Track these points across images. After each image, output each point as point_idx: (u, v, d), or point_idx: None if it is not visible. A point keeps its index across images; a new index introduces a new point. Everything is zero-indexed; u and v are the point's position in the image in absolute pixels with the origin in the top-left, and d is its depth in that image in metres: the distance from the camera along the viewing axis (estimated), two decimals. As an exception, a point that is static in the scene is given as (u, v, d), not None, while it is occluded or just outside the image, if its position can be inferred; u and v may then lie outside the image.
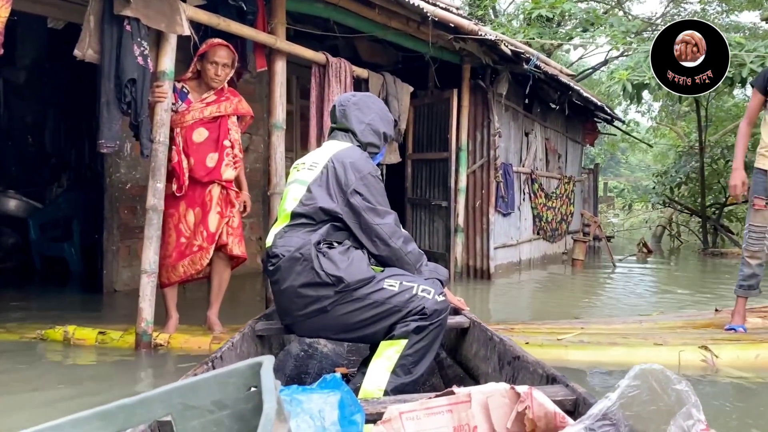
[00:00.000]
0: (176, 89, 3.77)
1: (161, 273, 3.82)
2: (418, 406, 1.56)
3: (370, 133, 2.52)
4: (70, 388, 3.01)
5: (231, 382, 1.09)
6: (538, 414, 1.51)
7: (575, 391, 1.73)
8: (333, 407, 1.47)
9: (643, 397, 1.39)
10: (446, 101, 6.72)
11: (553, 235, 9.19)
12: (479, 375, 2.48)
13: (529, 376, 2.05)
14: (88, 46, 3.36)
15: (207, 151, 3.81)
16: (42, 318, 4.30)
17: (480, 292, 6.50)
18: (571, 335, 3.83)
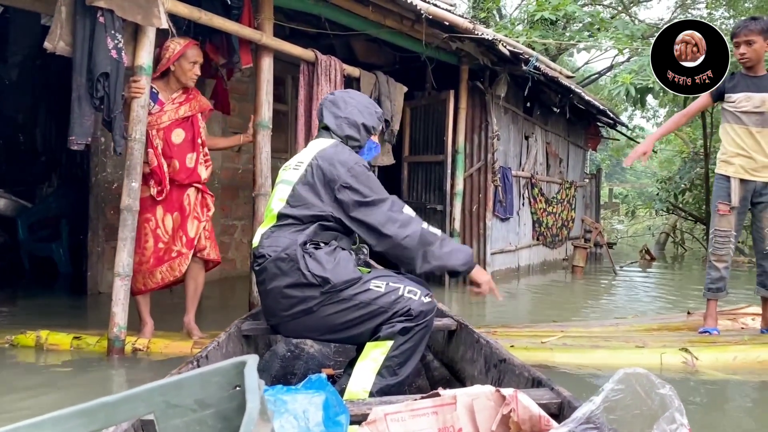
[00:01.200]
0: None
1: (137, 279, 3.68)
2: (403, 407, 1.57)
3: (348, 126, 2.48)
4: (38, 396, 2.87)
5: (214, 381, 1.07)
6: (522, 417, 1.52)
7: (560, 395, 1.73)
8: (317, 408, 1.47)
9: (627, 401, 1.39)
10: (443, 103, 6.57)
11: (554, 241, 9.01)
12: (465, 377, 2.48)
13: (515, 379, 2.05)
14: (59, 39, 3.22)
15: (186, 152, 3.74)
16: (24, 320, 4.17)
17: (470, 298, 6.33)
18: (555, 338, 3.89)
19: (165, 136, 3.67)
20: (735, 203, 3.91)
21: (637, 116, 18.97)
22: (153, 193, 3.64)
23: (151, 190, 3.65)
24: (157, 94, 3.70)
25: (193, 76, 3.73)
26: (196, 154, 3.76)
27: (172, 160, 3.66)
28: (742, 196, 3.92)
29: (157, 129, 3.65)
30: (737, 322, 4.36)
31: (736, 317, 4.43)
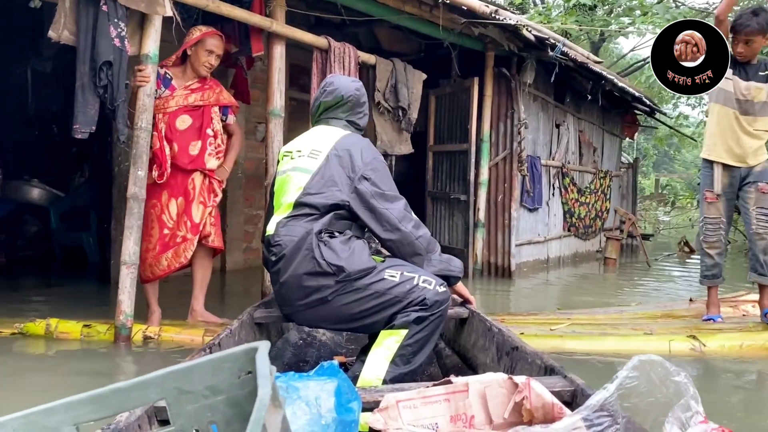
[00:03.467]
0: (159, 75, 3.69)
1: (144, 267, 3.72)
2: (416, 394, 1.58)
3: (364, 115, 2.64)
4: (44, 384, 2.90)
5: (226, 367, 1.07)
6: (535, 404, 1.51)
7: (573, 382, 1.73)
8: (329, 394, 1.47)
9: (641, 389, 1.39)
10: (467, 90, 6.43)
11: (586, 232, 8.77)
12: (477, 365, 2.49)
13: (528, 367, 2.05)
14: (63, 27, 3.24)
15: (190, 139, 3.75)
16: (50, 308, 4.25)
17: (498, 290, 6.21)
18: (563, 326, 3.93)
19: (169, 121, 3.70)
20: (718, 190, 3.94)
21: (682, 103, 18.35)
22: (155, 176, 3.66)
23: (154, 174, 3.66)
24: (171, 80, 3.74)
25: (207, 65, 3.74)
26: (202, 143, 3.76)
27: (172, 144, 3.69)
28: (727, 183, 3.94)
29: (163, 113, 3.69)
30: (738, 309, 4.44)
31: (737, 305, 4.51)
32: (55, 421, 1.06)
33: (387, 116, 5.21)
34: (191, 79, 3.78)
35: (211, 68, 3.78)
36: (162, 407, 1.45)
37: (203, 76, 3.78)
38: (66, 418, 1.06)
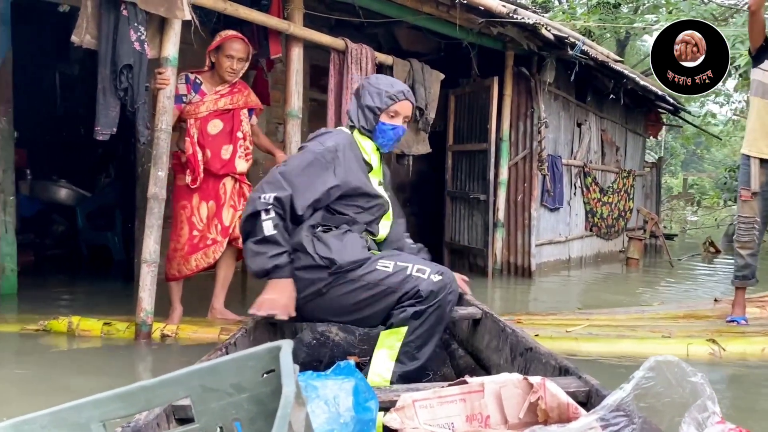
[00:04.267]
0: (190, 81, 3.74)
1: (171, 265, 3.80)
2: (432, 394, 1.59)
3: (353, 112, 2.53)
4: (67, 380, 2.98)
5: (250, 365, 1.10)
6: (550, 405, 1.52)
7: (588, 383, 1.73)
8: (348, 393, 1.49)
9: (657, 389, 1.39)
10: (487, 90, 6.43)
11: (609, 232, 8.70)
12: (491, 366, 2.48)
13: (542, 368, 2.05)
14: (86, 32, 3.32)
15: (222, 143, 3.78)
16: (75, 306, 4.37)
17: (517, 290, 6.20)
18: (580, 327, 3.89)
19: (201, 126, 3.73)
20: (755, 188, 3.81)
21: (710, 101, 18.04)
22: (188, 181, 3.74)
23: (186, 178, 3.74)
24: (200, 85, 3.77)
25: (228, 71, 3.72)
26: (233, 146, 3.80)
27: (204, 150, 3.73)
28: (764, 180, 3.81)
29: (195, 118, 3.73)
30: (766, 309, 4.35)
31: (765, 304, 4.42)
32: (83, 418, 1.08)
33: (404, 116, 5.23)
34: (220, 83, 3.80)
35: (234, 72, 3.76)
36: (180, 406, 1.47)
37: (229, 81, 3.78)
38: (94, 414, 1.09)
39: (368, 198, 2.38)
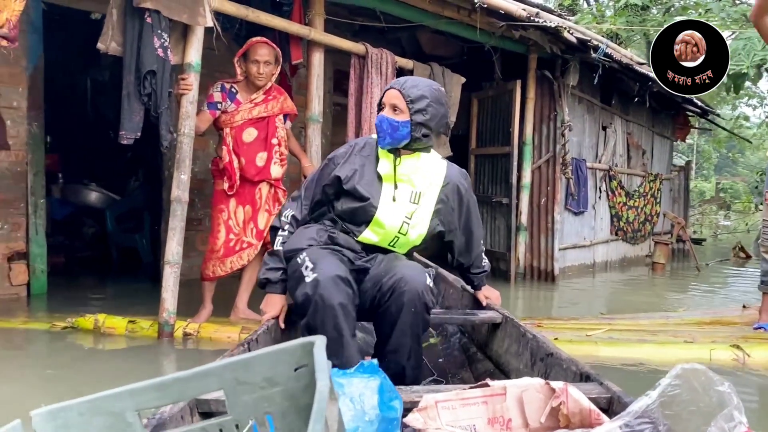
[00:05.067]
0: (225, 89, 3.82)
1: (207, 266, 3.91)
2: (454, 395, 1.58)
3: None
4: (89, 377, 3.08)
5: (283, 360, 1.11)
6: (572, 410, 1.51)
7: (609, 390, 1.72)
8: (373, 392, 1.49)
9: (683, 397, 1.38)
10: (510, 93, 6.42)
11: (635, 237, 8.60)
12: (510, 370, 2.47)
13: (562, 373, 2.03)
14: (111, 39, 3.43)
15: (257, 151, 3.86)
16: (104, 305, 4.44)
17: (540, 294, 6.17)
18: (600, 332, 3.85)
19: (236, 135, 3.83)
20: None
21: (742, 104, 17.71)
22: (225, 187, 3.84)
23: (224, 185, 3.84)
24: (236, 94, 3.84)
25: (257, 75, 3.77)
26: (268, 153, 3.88)
27: (240, 158, 3.82)
28: None
29: (230, 127, 3.83)
30: None
31: None
32: (119, 407, 1.12)
33: (425, 120, 5.25)
34: (255, 91, 3.85)
35: (264, 77, 3.79)
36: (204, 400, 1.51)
37: (260, 86, 3.82)
38: (130, 403, 1.12)
39: (354, 198, 2.32)
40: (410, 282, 2.13)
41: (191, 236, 5.99)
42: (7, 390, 2.83)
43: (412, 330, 2.17)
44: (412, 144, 2.29)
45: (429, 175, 2.35)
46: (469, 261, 2.61)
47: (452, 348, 3.18)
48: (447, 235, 2.47)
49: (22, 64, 4.63)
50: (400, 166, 2.31)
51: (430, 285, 2.20)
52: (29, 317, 4.19)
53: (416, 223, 2.32)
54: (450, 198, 2.39)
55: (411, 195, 2.31)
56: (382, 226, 2.30)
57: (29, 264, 4.81)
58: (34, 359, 3.46)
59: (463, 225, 2.48)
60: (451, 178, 2.39)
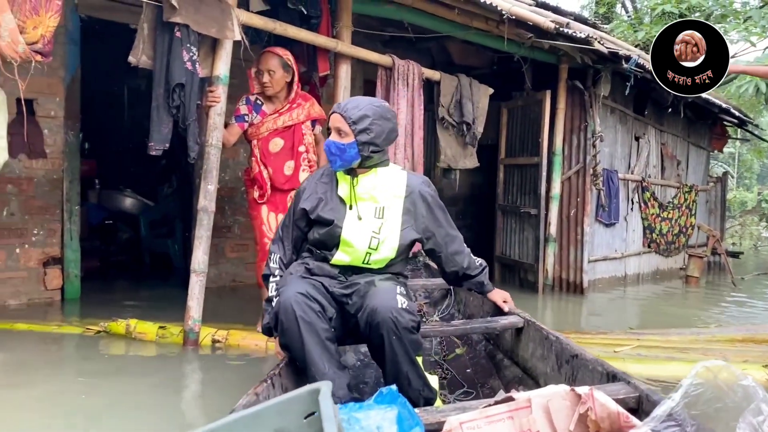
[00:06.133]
0: (250, 102, 3.88)
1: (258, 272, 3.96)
2: (478, 414, 1.55)
3: None
4: (115, 380, 3.16)
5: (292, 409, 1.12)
6: (600, 415, 1.49)
7: (637, 389, 1.70)
8: (391, 423, 1.47)
9: (708, 395, 1.37)
10: (539, 103, 6.38)
11: (668, 249, 8.44)
12: (538, 375, 2.47)
13: (589, 375, 2.02)
14: (142, 53, 3.52)
15: (284, 160, 3.91)
16: (135, 310, 4.59)
17: (568, 307, 6.10)
18: (628, 348, 3.81)
19: (262, 146, 3.89)
20: None
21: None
22: (256, 196, 3.91)
23: (255, 193, 3.92)
24: (261, 106, 3.89)
25: (264, 85, 3.78)
26: (295, 161, 3.93)
27: (267, 168, 3.88)
28: None
29: (257, 139, 3.89)
30: None
31: None
32: None
33: (451, 131, 5.27)
34: (279, 102, 3.90)
35: (271, 86, 3.78)
36: None
37: (269, 95, 3.85)
38: None
39: (321, 224, 2.37)
40: (381, 311, 2.12)
41: (221, 243, 6.09)
42: (40, 395, 2.93)
43: (402, 356, 2.17)
44: (365, 162, 2.33)
45: (390, 188, 2.38)
46: (461, 265, 2.55)
47: (478, 357, 3.17)
48: (426, 243, 2.45)
49: (59, 74, 4.78)
50: (358, 185, 2.36)
51: (403, 306, 2.16)
52: (63, 321, 4.32)
53: (385, 237, 2.33)
54: (416, 206, 2.40)
55: (375, 210, 2.35)
56: (350, 245, 2.32)
57: (63, 269, 4.94)
58: (66, 364, 3.57)
59: (439, 229, 2.46)
60: (413, 186, 2.41)
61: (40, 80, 4.51)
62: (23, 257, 4.72)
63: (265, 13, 4.15)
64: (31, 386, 3.03)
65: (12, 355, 3.46)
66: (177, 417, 2.82)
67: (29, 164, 4.70)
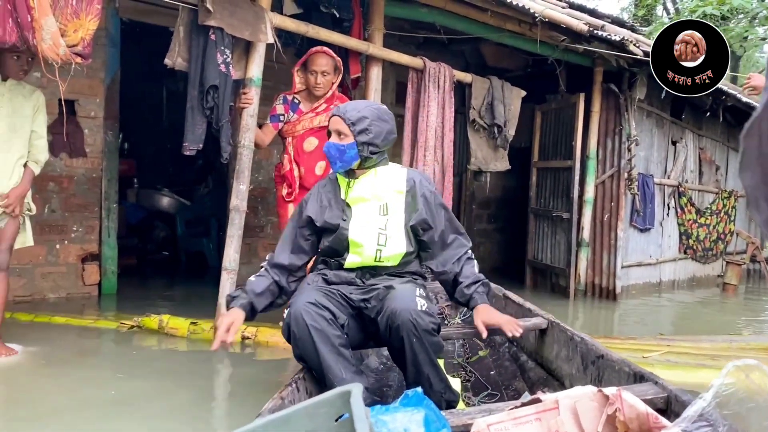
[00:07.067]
0: (287, 101, 3.92)
1: None
2: (506, 416, 1.53)
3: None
4: (147, 376, 3.24)
5: (322, 412, 1.12)
6: (629, 416, 1.46)
7: (666, 389, 1.67)
8: (419, 425, 1.46)
9: (740, 395, 1.35)
10: (573, 106, 6.32)
11: (705, 255, 8.26)
12: (563, 376, 2.47)
13: (615, 375, 2.01)
14: (178, 55, 3.60)
15: (317, 160, 3.92)
16: (170, 306, 4.71)
17: (600, 312, 6.03)
18: (657, 354, 3.76)
19: (297, 144, 3.92)
20: None
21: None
22: (284, 193, 3.95)
23: (283, 191, 3.96)
24: (298, 104, 3.93)
25: (315, 85, 3.81)
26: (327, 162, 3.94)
27: (299, 166, 3.92)
28: None
29: (292, 137, 3.93)
30: None
31: None
32: None
33: (482, 133, 5.26)
34: (316, 101, 3.90)
35: (322, 87, 3.82)
36: None
37: (319, 96, 3.86)
38: None
39: (329, 231, 2.41)
40: (401, 314, 2.11)
41: (254, 243, 6.19)
42: (74, 384, 3.03)
43: (423, 359, 2.17)
44: (364, 163, 2.39)
45: (390, 185, 2.41)
46: (453, 269, 2.41)
47: (502, 359, 3.15)
48: (422, 234, 2.41)
49: (100, 76, 4.92)
50: (359, 185, 2.40)
51: (422, 308, 2.14)
52: (99, 315, 4.45)
53: (392, 233, 2.36)
54: (416, 199, 2.41)
55: (379, 208, 2.38)
56: (359, 245, 2.35)
57: (101, 265, 5.09)
58: (100, 357, 3.68)
59: (437, 225, 2.43)
60: (413, 181, 2.44)
61: (81, 82, 4.67)
62: (63, 253, 4.88)
63: (297, 16, 4.21)
64: (66, 376, 3.14)
65: (50, 347, 3.58)
66: (204, 413, 2.88)
67: (70, 163, 4.86)
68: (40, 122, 3.39)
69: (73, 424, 2.60)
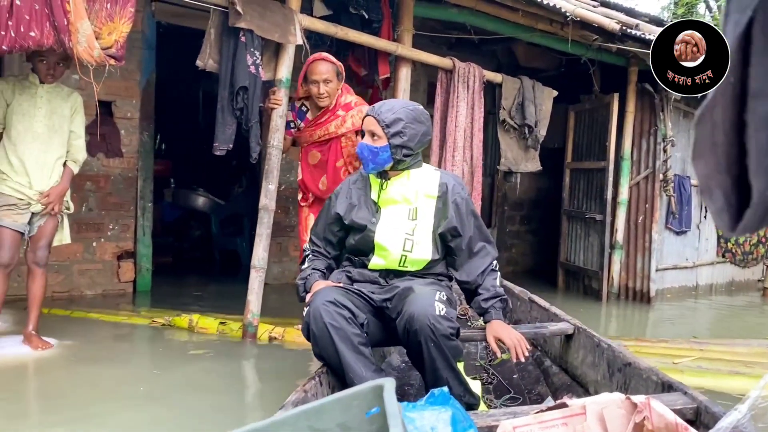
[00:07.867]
0: (295, 109, 3.80)
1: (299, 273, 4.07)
2: (532, 419, 1.52)
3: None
4: (177, 371, 3.32)
5: (354, 404, 1.13)
6: (657, 425, 1.43)
7: (695, 399, 1.64)
8: (446, 424, 1.45)
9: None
10: (607, 106, 6.23)
11: (745, 259, 8.04)
12: (588, 383, 2.44)
13: (643, 384, 1.98)
14: (209, 57, 3.68)
15: (320, 175, 3.77)
16: (203, 304, 4.79)
17: (634, 316, 5.93)
18: (689, 359, 3.69)
19: (305, 155, 3.83)
20: None
21: None
22: (299, 198, 3.99)
23: (299, 195, 3.99)
24: (306, 113, 3.77)
25: (318, 95, 3.52)
26: (332, 176, 3.70)
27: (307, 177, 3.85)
28: None
29: (301, 145, 3.90)
30: None
31: None
32: None
33: (512, 134, 5.23)
34: (318, 111, 3.67)
35: (326, 97, 3.54)
36: None
37: (323, 107, 3.61)
38: None
39: (356, 230, 2.39)
40: (419, 319, 2.09)
41: (284, 242, 6.26)
42: (107, 378, 3.12)
43: (441, 363, 2.15)
44: (397, 165, 2.33)
45: (422, 189, 2.36)
46: (477, 281, 2.40)
47: (525, 362, 3.12)
48: (450, 240, 2.38)
49: (136, 78, 5.04)
50: (391, 187, 2.36)
51: (441, 312, 2.10)
52: (132, 312, 4.55)
53: (420, 239, 2.32)
54: (447, 205, 2.36)
55: (408, 212, 2.34)
56: (385, 248, 2.33)
57: (136, 262, 5.21)
58: (133, 352, 3.77)
59: (465, 233, 2.38)
60: (446, 186, 2.38)
61: (118, 83, 4.79)
62: (99, 250, 5.01)
63: (327, 17, 4.25)
64: (98, 369, 3.23)
65: (85, 341, 3.69)
66: (229, 411, 2.93)
67: (106, 162, 4.99)
68: (78, 123, 3.49)
69: (103, 415, 2.67)
